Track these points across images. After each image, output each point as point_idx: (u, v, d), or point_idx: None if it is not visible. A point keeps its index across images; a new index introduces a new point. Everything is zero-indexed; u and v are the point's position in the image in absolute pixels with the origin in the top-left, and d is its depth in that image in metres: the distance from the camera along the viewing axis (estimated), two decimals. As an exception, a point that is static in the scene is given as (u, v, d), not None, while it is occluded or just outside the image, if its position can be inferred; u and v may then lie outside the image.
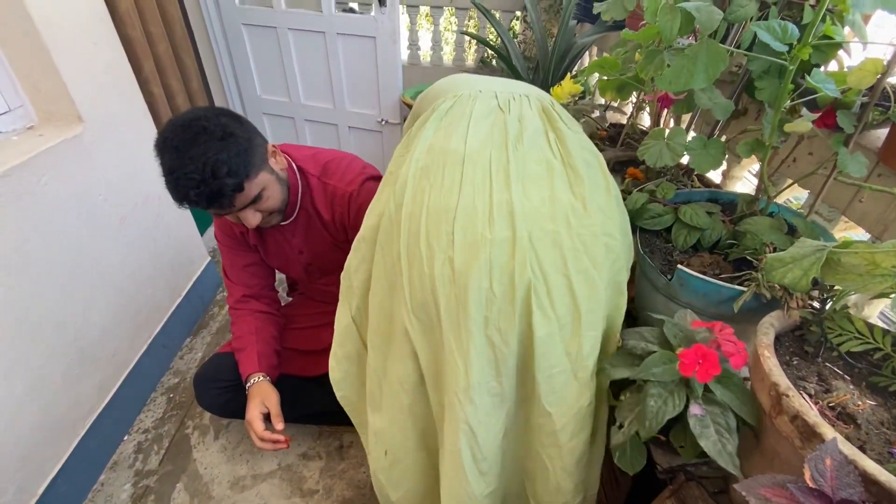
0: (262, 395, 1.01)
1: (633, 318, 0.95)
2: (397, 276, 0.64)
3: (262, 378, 1.05)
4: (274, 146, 0.97)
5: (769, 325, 0.58)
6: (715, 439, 0.51)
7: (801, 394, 0.51)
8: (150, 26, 1.77)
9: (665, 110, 0.96)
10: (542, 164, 0.64)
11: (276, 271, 1.25)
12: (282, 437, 0.98)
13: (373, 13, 1.77)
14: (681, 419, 0.53)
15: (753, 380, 0.57)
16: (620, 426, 0.60)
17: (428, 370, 0.68)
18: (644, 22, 0.83)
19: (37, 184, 1.03)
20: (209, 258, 1.80)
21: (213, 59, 2.11)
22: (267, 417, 1.01)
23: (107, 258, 1.25)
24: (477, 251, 0.59)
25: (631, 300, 0.98)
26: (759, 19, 0.72)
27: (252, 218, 0.92)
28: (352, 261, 0.74)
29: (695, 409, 0.53)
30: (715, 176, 1.09)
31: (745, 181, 1.16)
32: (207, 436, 1.36)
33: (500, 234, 0.59)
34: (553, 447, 0.67)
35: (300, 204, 1.05)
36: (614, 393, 0.68)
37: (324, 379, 1.19)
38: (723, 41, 0.77)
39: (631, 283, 0.94)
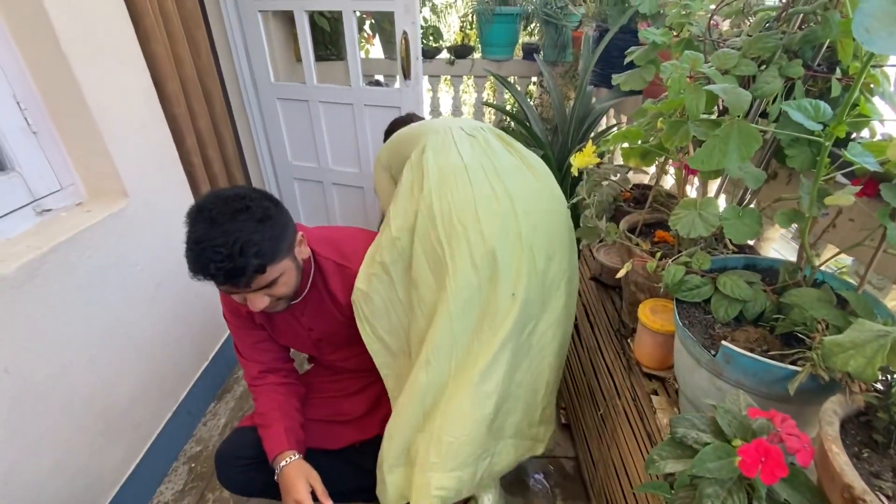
0: (305, 473, 0.98)
1: (676, 391, 0.90)
2: (440, 252, 0.92)
3: (297, 456, 1.01)
4: (302, 235, 0.98)
5: (832, 413, 0.53)
6: (786, 549, 0.45)
7: (877, 495, 0.46)
8: (193, 103, 1.91)
9: (691, 176, 0.95)
10: (514, 166, 1.02)
11: None
12: None
13: (397, 86, 1.88)
14: (743, 522, 0.48)
15: (822, 477, 0.52)
16: (674, 525, 0.55)
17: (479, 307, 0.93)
18: (666, 93, 0.85)
19: (81, 257, 1.08)
20: (236, 320, 1.82)
21: (249, 129, 2.25)
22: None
23: (139, 325, 1.28)
24: (495, 222, 0.91)
25: (668, 367, 0.93)
26: (784, 92, 0.73)
27: (259, 302, 0.90)
28: (387, 257, 0.97)
29: (760, 513, 0.48)
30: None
31: (780, 241, 1.13)
32: (227, 511, 1.31)
33: (505, 208, 0.92)
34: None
35: (311, 284, 1.04)
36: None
37: (348, 453, 1.16)
38: (748, 112, 0.78)
39: (669, 353, 0.91)
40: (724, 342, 0.65)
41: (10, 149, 1.02)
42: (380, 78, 2.64)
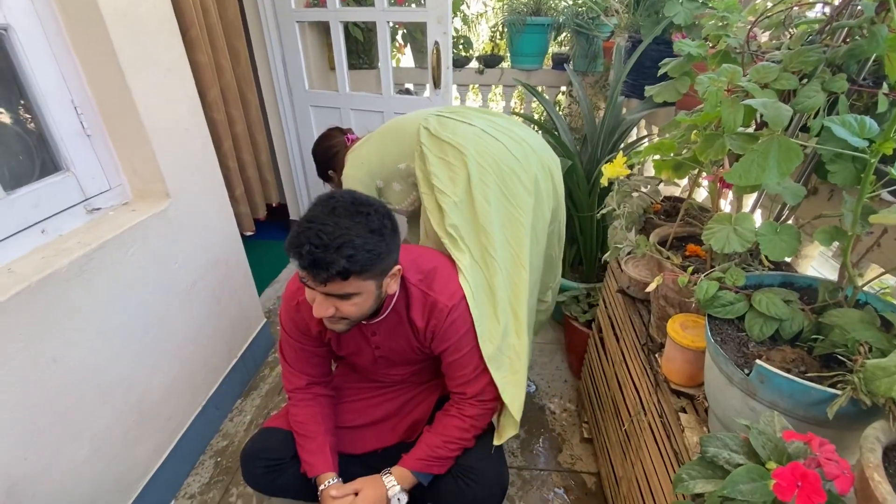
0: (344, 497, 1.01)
1: (706, 410, 0.88)
2: (500, 193, 1.18)
3: (337, 480, 1.05)
4: (399, 270, 0.96)
5: (875, 440, 0.51)
6: (823, 579, 0.44)
7: (925, 529, 0.44)
8: (231, 109, 1.99)
9: (727, 190, 0.93)
10: (505, 120, 1.33)
11: None
12: None
13: (427, 94, 1.91)
14: (777, 548, 0.47)
15: (862, 505, 0.50)
16: (702, 546, 0.53)
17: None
18: (701, 106, 0.84)
19: (125, 254, 1.14)
20: (265, 319, 1.87)
21: (283, 135, 2.33)
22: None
23: (175, 321, 1.33)
24: (530, 162, 1.23)
25: (697, 384, 0.91)
26: (827, 107, 0.71)
27: (323, 309, 0.88)
28: (455, 218, 1.16)
29: (795, 539, 0.46)
30: (785, 255, 1.03)
31: (818, 258, 1.09)
32: (250, 506, 1.34)
33: (526, 148, 1.25)
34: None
35: (393, 307, 1.04)
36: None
37: (370, 459, 1.17)
38: (787, 127, 0.76)
39: (698, 370, 0.89)
40: (758, 361, 0.63)
41: (66, 150, 1.09)
42: (409, 87, 2.68)
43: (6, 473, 0.90)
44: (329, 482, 1.04)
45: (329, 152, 1.50)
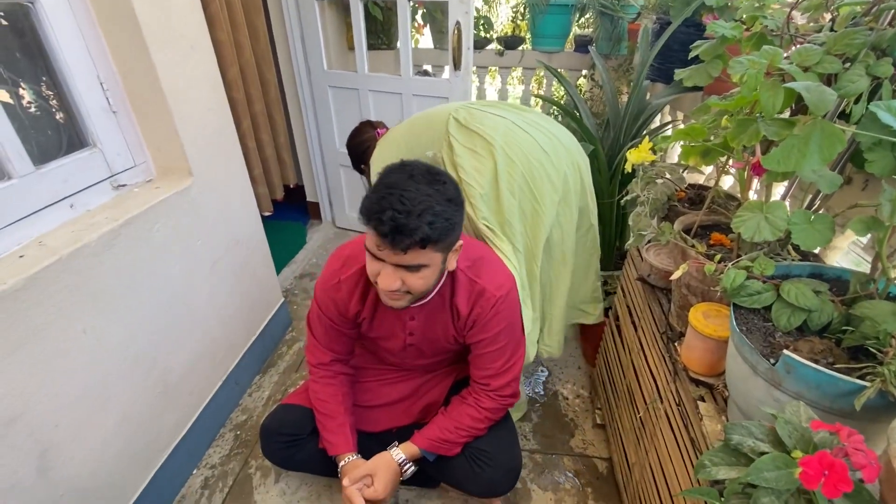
0: (359, 475, 1.05)
1: (725, 399, 0.87)
2: (525, 187, 1.19)
3: (356, 456, 1.09)
4: (461, 246, 0.95)
5: (905, 433, 0.50)
6: (847, 567, 0.44)
7: (954, 522, 0.43)
8: (250, 88, 1.99)
9: (756, 178, 0.91)
10: (534, 114, 1.34)
11: None
12: None
13: (445, 76, 1.88)
14: (799, 536, 0.47)
15: (886, 497, 0.50)
16: (721, 531, 0.54)
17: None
18: (734, 90, 0.82)
19: (150, 231, 1.16)
20: (283, 299, 1.90)
21: (300, 115, 2.32)
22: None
23: (197, 298, 1.36)
24: (560, 157, 1.23)
25: (717, 374, 0.91)
26: (870, 93, 0.68)
27: (391, 282, 0.85)
28: (484, 211, 1.20)
29: (819, 527, 0.46)
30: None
31: (848, 249, 1.07)
32: (268, 478, 1.38)
33: (555, 144, 1.25)
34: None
35: (438, 291, 1.02)
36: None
37: (386, 437, 1.19)
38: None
39: (719, 359, 0.88)
40: (786, 352, 0.62)
41: (93, 126, 1.10)
42: (428, 68, 2.65)
43: (39, 439, 0.94)
44: (348, 459, 1.07)
45: (362, 147, 1.52)
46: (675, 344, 1.02)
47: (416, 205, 0.78)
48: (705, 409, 0.86)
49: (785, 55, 0.70)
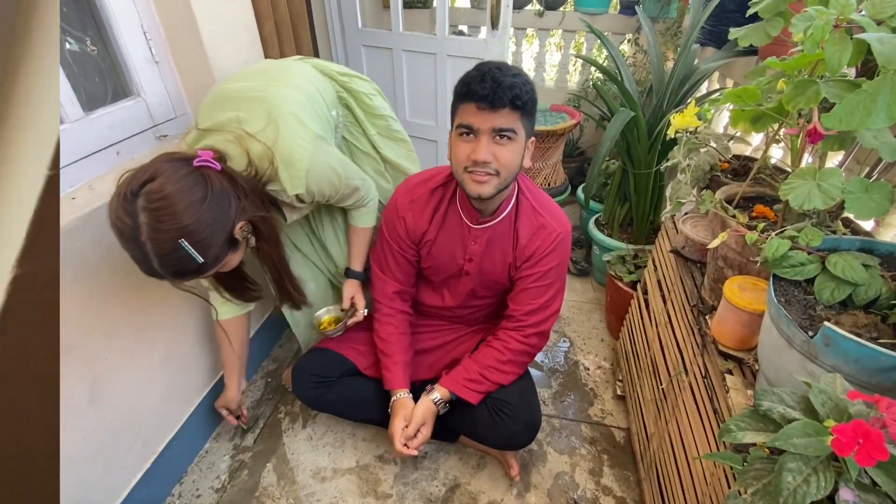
0: (405, 411, 1.14)
1: (753, 373, 0.86)
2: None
3: (407, 394, 1.17)
4: (532, 142, 1.02)
5: (949, 409, 0.48)
6: (871, 534, 0.43)
7: None
8: (284, 46, 1.97)
9: (811, 146, 0.86)
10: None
11: None
12: (414, 453, 1.10)
13: (482, 36, 1.82)
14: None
15: (923, 471, 0.49)
16: (740, 493, 0.54)
17: None
18: (795, 49, 0.76)
19: (190, 181, 1.19)
20: (312, 257, 1.94)
21: (333, 75, 2.30)
22: None
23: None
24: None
25: (748, 348, 0.89)
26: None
27: (485, 152, 0.91)
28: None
29: (846, 495, 0.46)
30: (866, 222, 0.95)
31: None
32: (297, 423, 1.46)
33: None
34: None
35: (506, 214, 1.09)
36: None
37: (413, 388, 1.23)
38: None
39: (751, 333, 0.86)
40: (826, 323, 0.60)
41: (137, 76, 1.13)
42: (463, 28, 2.57)
43: (90, 370, 1.01)
44: (399, 395, 1.16)
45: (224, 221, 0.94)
46: (706, 317, 1.00)
47: (509, 70, 0.90)
48: (732, 382, 0.85)
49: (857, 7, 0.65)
